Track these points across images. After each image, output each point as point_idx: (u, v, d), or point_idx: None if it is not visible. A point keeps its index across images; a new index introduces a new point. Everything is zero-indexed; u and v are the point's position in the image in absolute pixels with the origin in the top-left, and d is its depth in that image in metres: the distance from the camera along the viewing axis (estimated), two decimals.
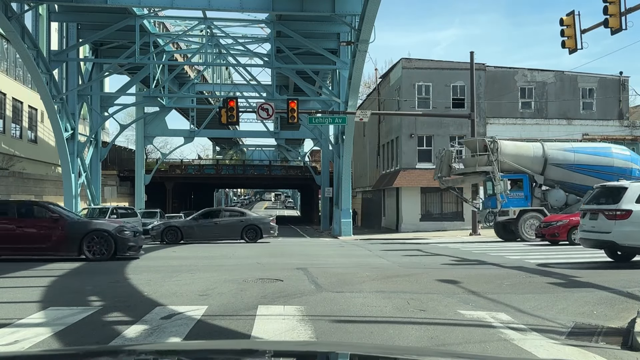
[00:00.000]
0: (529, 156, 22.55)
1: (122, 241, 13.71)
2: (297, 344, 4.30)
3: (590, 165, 21.79)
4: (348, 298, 7.72)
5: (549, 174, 22.34)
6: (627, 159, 22.89)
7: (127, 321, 6.20)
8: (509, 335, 5.64)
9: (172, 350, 2.73)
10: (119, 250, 13.66)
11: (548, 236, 18.70)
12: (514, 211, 21.56)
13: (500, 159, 22.11)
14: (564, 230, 18.22)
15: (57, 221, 13.55)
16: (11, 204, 14.25)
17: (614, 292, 8.32)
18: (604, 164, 21.85)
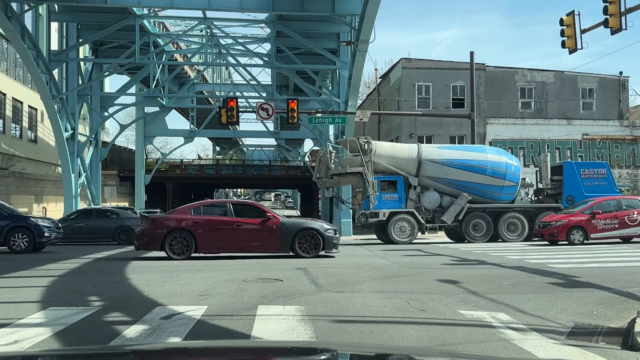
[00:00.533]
0: (404, 157, 22.05)
1: (328, 239, 14.35)
2: (297, 343, 4.31)
3: (464, 162, 21.45)
4: (348, 298, 7.72)
5: (424, 175, 21.88)
6: (501, 153, 22.84)
7: (127, 321, 6.20)
8: (509, 335, 5.64)
9: (172, 350, 2.72)
10: (326, 247, 14.31)
11: (547, 236, 18.70)
12: (384, 213, 21.11)
13: (375, 160, 21.53)
14: (563, 230, 18.23)
15: (271, 220, 14.29)
16: (228, 204, 14.87)
17: (614, 292, 8.32)
18: (477, 160, 21.58)
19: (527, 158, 32.95)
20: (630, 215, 18.35)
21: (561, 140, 32.86)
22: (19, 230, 16.45)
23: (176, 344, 4.84)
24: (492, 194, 21.58)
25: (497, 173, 21.44)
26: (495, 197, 21.63)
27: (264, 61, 34.14)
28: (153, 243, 13.99)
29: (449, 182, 21.70)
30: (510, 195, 21.91)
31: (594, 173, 21.73)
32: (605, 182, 21.53)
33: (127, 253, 16.61)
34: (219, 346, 3.02)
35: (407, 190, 21.85)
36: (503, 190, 21.57)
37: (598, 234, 18.24)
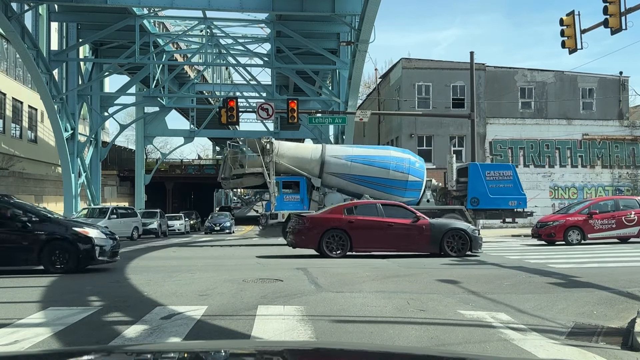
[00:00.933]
0: (307, 158, 21.70)
1: (474, 239, 14.33)
2: (297, 343, 4.30)
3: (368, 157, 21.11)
4: (348, 298, 7.72)
5: (327, 177, 21.51)
6: (404, 152, 22.57)
7: (127, 321, 6.19)
8: (509, 335, 5.64)
9: (172, 350, 2.72)
10: (473, 247, 14.30)
11: (544, 236, 18.68)
12: (283, 214, 20.63)
13: (277, 161, 21.22)
14: (561, 230, 18.20)
15: (420, 220, 14.47)
16: (377, 205, 15.12)
17: (614, 292, 8.32)
18: (381, 156, 21.25)
19: (527, 158, 32.96)
20: (628, 215, 18.31)
21: (561, 140, 32.87)
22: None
23: (176, 344, 4.85)
24: (397, 189, 21.03)
25: (401, 167, 21.05)
26: (400, 196, 20.92)
27: (264, 61, 34.16)
28: (311, 241, 14.36)
29: (353, 178, 21.29)
30: (415, 193, 21.42)
31: (499, 175, 21.27)
32: (511, 184, 21.04)
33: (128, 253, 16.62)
34: (219, 346, 3.02)
35: (311, 192, 21.44)
36: (407, 185, 21.10)
37: (595, 234, 18.22)
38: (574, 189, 33.01)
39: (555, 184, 32.99)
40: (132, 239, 26.51)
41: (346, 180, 21.40)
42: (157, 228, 31.21)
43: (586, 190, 32.96)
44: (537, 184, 32.92)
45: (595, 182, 33.23)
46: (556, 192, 32.87)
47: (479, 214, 21.78)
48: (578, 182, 33.13)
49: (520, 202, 21.19)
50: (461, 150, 32.41)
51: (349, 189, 21.50)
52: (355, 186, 21.28)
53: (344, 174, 21.40)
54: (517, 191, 21.19)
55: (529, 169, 33.01)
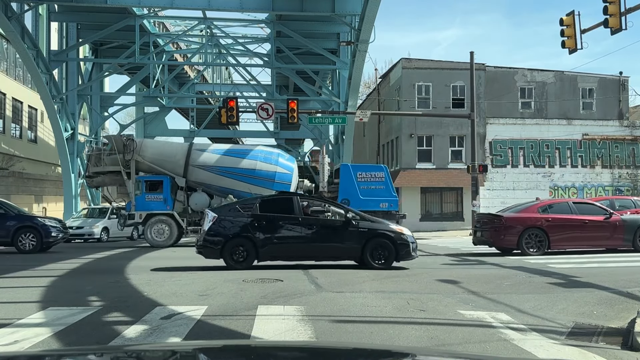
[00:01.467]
0: (171, 157, 21.08)
1: None
2: (296, 344, 4.29)
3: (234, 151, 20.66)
4: (348, 298, 7.72)
5: (192, 176, 20.90)
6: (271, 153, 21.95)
7: (127, 321, 6.19)
8: (509, 335, 5.64)
9: (172, 350, 2.71)
10: None
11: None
12: (140, 215, 20.14)
13: (138, 159, 20.57)
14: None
15: (613, 217, 14.81)
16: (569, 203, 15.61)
17: (613, 292, 8.32)
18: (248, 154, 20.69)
19: (527, 158, 32.95)
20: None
21: (561, 140, 32.86)
22: (26, 230, 16.37)
23: (176, 344, 4.85)
24: (265, 181, 20.49)
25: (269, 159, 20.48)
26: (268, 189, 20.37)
27: (264, 61, 34.16)
28: (510, 240, 14.54)
29: (219, 170, 20.71)
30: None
31: (371, 176, 21.06)
32: (382, 185, 20.87)
33: (128, 253, 16.62)
34: (219, 346, 3.02)
35: (175, 192, 20.85)
36: (276, 177, 20.52)
37: None
38: (574, 189, 32.99)
39: (555, 184, 32.98)
40: (132, 239, 26.49)
41: (213, 172, 20.60)
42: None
43: (586, 190, 32.94)
44: (537, 184, 32.91)
45: (595, 182, 33.23)
46: (556, 192, 32.85)
47: None
48: (578, 182, 33.12)
49: (392, 203, 20.93)
50: (461, 150, 32.40)
51: (214, 185, 20.66)
52: (221, 178, 20.46)
53: (210, 167, 20.70)
54: (388, 193, 20.97)
55: (529, 169, 33.01)
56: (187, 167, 20.81)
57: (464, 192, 31.10)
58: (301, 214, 11.68)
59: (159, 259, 14.67)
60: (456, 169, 31.58)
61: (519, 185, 32.73)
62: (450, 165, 32.17)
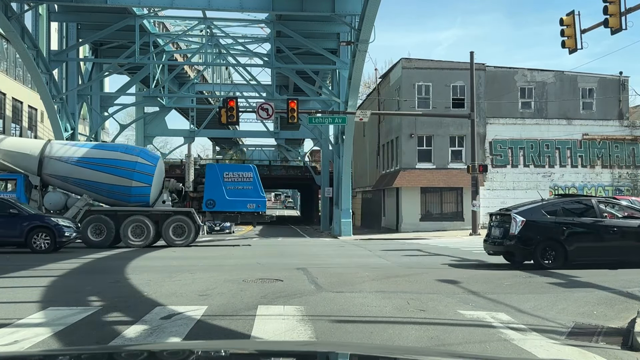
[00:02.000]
0: (26, 154, 19.98)
1: None
2: (296, 344, 4.31)
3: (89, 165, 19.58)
4: (348, 298, 7.72)
5: (48, 169, 19.86)
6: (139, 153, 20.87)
7: (127, 321, 6.19)
8: (509, 335, 5.64)
9: (172, 350, 2.72)
10: None
11: None
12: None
13: None
14: None
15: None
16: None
17: (613, 292, 8.32)
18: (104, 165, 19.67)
19: (527, 158, 32.95)
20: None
21: (561, 140, 32.86)
22: (40, 230, 16.39)
23: (176, 344, 4.85)
24: (121, 194, 19.66)
25: (125, 173, 19.50)
26: (125, 198, 19.70)
27: (263, 61, 34.15)
28: None
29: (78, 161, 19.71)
30: (144, 197, 19.88)
31: (239, 177, 20.69)
32: (250, 186, 20.53)
33: (127, 253, 16.62)
34: (219, 346, 3.02)
35: (30, 190, 19.87)
36: (132, 190, 19.59)
37: None
38: (574, 189, 32.97)
39: (555, 184, 32.97)
40: None
41: (72, 164, 19.68)
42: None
43: (586, 190, 32.92)
44: (537, 184, 32.88)
45: (595, 182, 33.22)
46: (556, 192, 32.83)
47: (217, 216, 21.29)
48: (578, 182, 33.12)
49: (260, 204, 20.66)
50: (461, 150, 32.40)
51: (73, 177, 19.79)
52: (81, 170, 19.62)
53: (69, 158, 19.76)
54: (256, 193, 20.68)
55: (529, 168, 33.01)
56: (42, 163, 19.88)
57: (464, 192, 31.10)
58: (601, 216, 11.87)
59: (158, 259, 14.67)
60: (456, 169, 31.58)
61: (519, 185, 32.72)
62: (450, 165, 32.17)
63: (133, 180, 19.45)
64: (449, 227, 31.19)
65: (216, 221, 21.25)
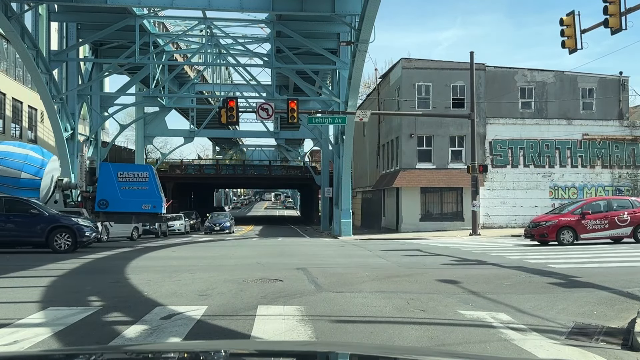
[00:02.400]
0: None
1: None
2: (296, 343, 4.32)
3: None
4: (348, 298, 7.71)
5: None
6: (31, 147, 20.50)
7: (126, 321, 6.19)
8: (509, 336, 5.64)
9: (172, 350, 2.71)
10: None
11: (537, 236, 18.65)
12: None
13: None
14: (553, 231, 18.15)
15: None
16: None
17: (613, 292, 8.31)
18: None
19: (527, 158, 32.94)
20: (620, 215, 18.22)
21: (561, 140, 32.85)
22: (61, 230, 16.54)
23: (176, 344, 4.85)
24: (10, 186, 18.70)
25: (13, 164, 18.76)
26: (14, 191, 18.63)
27: (263, 61, 34.14)
28: None
29: None
30: (34, 192, 19.03)
31: (134, 176, 20.34)
32: (146, 186, 20.24)
33: (128, 253, 16.62)
34: (219, 346, 3.02)
35: None
36: (21, 182, 18.84)
37: (588, 234, 18.18)
38: (574, 189, 32.98)
39: (555, 184, 32.97)
40: (132, 238, 26.52)
41: None
42: (157, 228, 31.23)
43: (586, 191, 32.93)
44: (537, 184, 32.91)
45: (596, 182, 33.22)
46: (556, 192, 32.86)
47: (110, 216, 20.86)
48: (578, 182, 33.12)
49: (156, 205, 20.41)
50: (461, 150, 32.39)
51: None
52: None
53: None
54: (152, 193, 20.41)
55: (529, 169, 33.00)
56: None
57: (464, 192, 31.11)
58: None
59: (158, 259, 14.67)
60: (456, 169, 31.58)
61: (519, 185, 32.73)
62: (450, 165, 32.17)
63: (22, 172, 18.94)
64: (449, 227, 31.20)
65: (110, 222, 20.98)
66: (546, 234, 18.30)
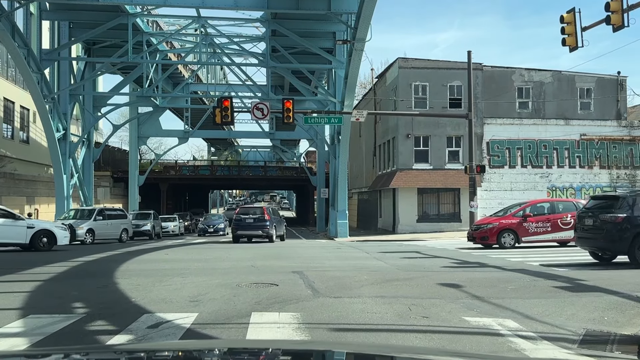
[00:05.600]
0: None
1: None
2: (293, 342, 4.33)
3: None
4: (346, 304, 7.35)
5: None
6: None
7: (110, 330, 5.80)
8: (520, 345, 5.29)
9: (166, 349, 2.64)
10: None
11: (479, 239, 18.23)
12: None
13: None
14: (494, 234, 17.74)
15: None
16: None
17: (622, 296, 8.00)
18: None
19: (524, 159, 32.67)
20: (564, 218, 17.76)
21: (559, 140, 32.59)
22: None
23: (170, 343, 4.70)
24: None
25: None
26: None
27: (259, 60, 33.74)
28: None
29: None
30: None
31: None
32: None
33: (119, 256, 16.22)
34: (213, 345, 3.04)
35: None
36: None
37: (530, 237, 17.77)
38: (571, 189, 32.74)
39: (553, 184, 32.72)
40: (121, 241, 25.98)
41: None
42: (150, 230, 30.75)
43: (584, 191, 32.68)
44: (535, 185, 32.64)
45: (593, 183, 32.97)
46: (554, 192, 32.59)
47: None
48: (576, 183, 32.87)
49: None
50: (458, 151, 32.10)
51: None
52: None
53: None
54: None
55: (526, 169, 32.73)
56: None
57: (461, 193, 30.81)
58: None
59: (150, 261, 14.26)
60: (453, 170, 31.28)
61: (516, 185, 32.45)
62: (447, 165, 31.87)
63: None
64: (447, 228, 30.88)
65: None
66: (487, 236, 17.89)
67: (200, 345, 3.00)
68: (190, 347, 2.65)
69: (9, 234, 17.60)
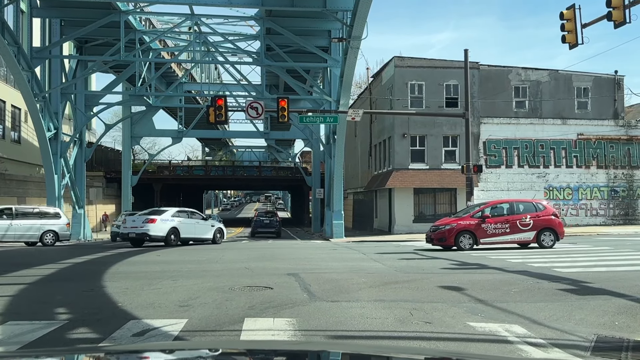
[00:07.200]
0: None
1: None
2: (288, 342, 4.31)
3: None
4: (344, 308, 6.99)
5: None
6: None
7: (93, 339, 5.43)
8: (530, 353, 4.96)
9: (158, 349, 2.59)
10: None
11: (437, 241, 17.77)
12: None
13: None
14: (452, 235, 17.31)
15: None
16: None
17: (632, 299, 7.68)
18: None
19: (521, 158, 32.42)
20: (523, 219, 17.40)
21: (556, 140, 32.37)
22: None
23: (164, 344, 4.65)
24: None
25: None
26: None
27: (253, 59, 33.33)
28: None
29: None
30: None
31: None
32: None
33: (109, 257, 15.80)
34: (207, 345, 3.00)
35: None
36: None
37: (488, 238, 17.39)
38: (569, 189, 32.52)
39: (550, 184, 32.48)
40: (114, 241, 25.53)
41: None
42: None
43: (581, 191, 32.48)
44: (532, 185, 32.40)
45: (591, 183, 32.76)
46: (551, 192, 32.37)
47: None
48: (573, 183, 32.65)
49: None
50: (455, 150, 31.82)
51: None
52: None
53: None
54: None
55: (523, 169, 32.48)
56: None
57: (458, 193, 30.53)
58: None
59: (140, 263, 13.86)
60: (450, 170, 31.00)
61: (513, 185, 32.20)
62: (443, 165, 31.58)
63: None
64: None
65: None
66: (444, 238, 17.47)
67: (192, 346, 2.99)
68: (182, 348, 2.64)
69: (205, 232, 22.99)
